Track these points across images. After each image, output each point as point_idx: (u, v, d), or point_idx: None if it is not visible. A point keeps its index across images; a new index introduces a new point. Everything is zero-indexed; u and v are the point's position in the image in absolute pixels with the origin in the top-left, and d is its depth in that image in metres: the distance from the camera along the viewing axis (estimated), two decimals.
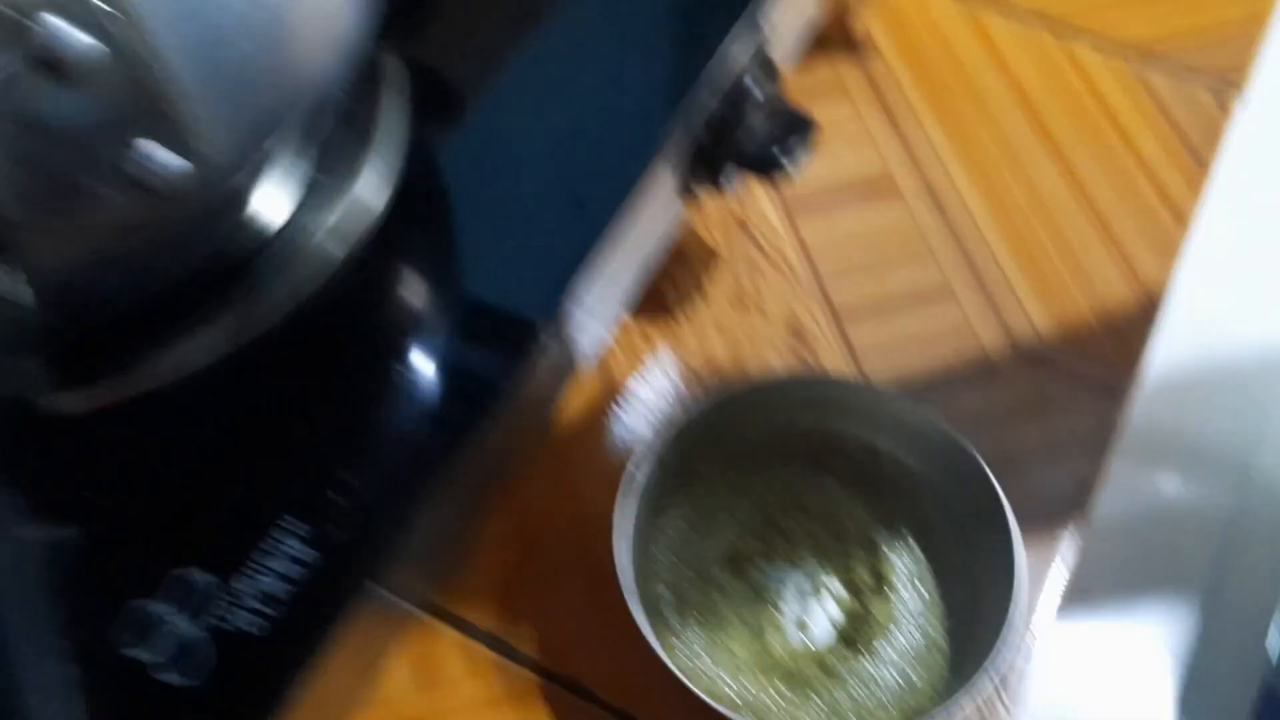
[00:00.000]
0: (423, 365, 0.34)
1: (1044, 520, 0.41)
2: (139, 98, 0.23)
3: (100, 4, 0.22)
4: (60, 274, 0.27)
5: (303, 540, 0.30)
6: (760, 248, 0.47)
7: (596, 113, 0.39)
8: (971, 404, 0.44)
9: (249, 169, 0.30)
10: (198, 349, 0.31)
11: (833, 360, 0.45)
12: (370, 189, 0.35)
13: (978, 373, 0.45)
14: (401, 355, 0.34)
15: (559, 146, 0.38)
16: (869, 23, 0.54)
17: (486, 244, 0.37)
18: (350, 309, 0.34)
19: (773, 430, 0.41)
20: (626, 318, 0.45)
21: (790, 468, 0.41)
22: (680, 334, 0.45)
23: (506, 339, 0.35)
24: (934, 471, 0.40)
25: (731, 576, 0.39)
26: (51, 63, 0.22)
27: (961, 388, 0.44)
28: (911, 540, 0.39)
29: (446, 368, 0.34)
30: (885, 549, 0.39)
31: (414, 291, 0.36)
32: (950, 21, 0.55)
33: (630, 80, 0.39)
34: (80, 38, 0.22)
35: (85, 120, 0.23)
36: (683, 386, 0.44)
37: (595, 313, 0.39)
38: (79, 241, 0.25)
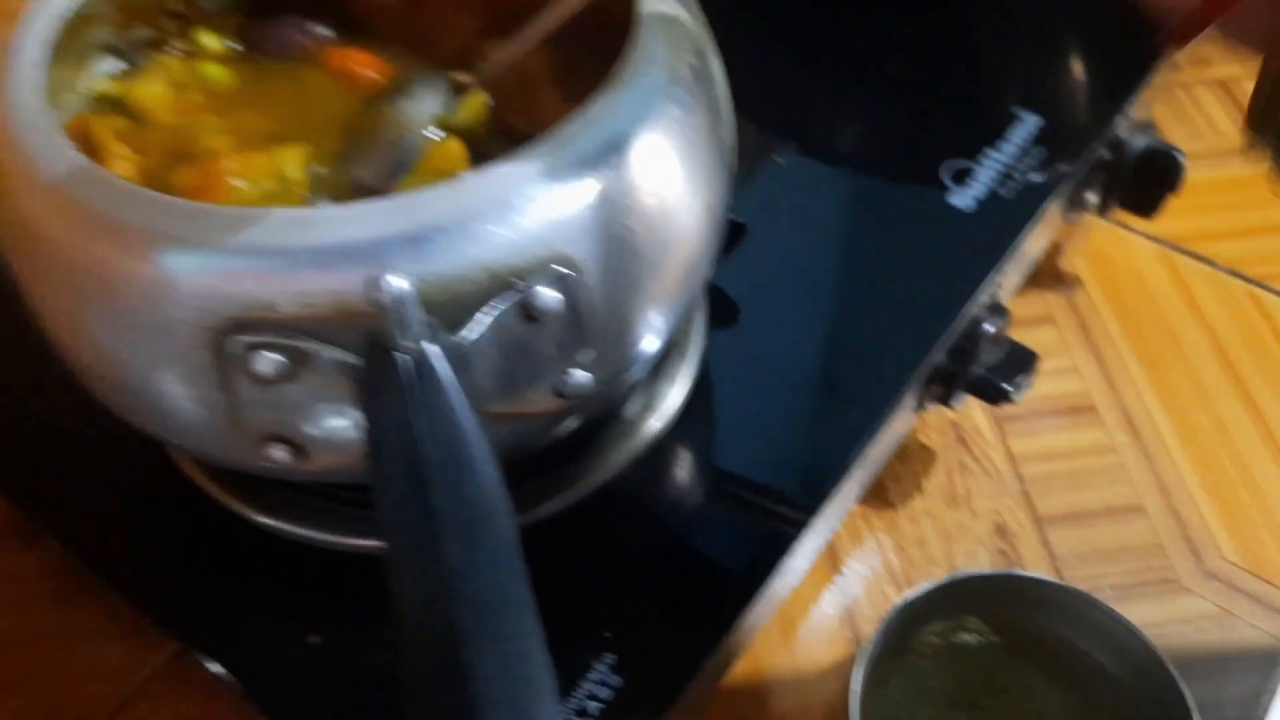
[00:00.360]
0: (704, 533, 0.42)
1: None
2: (575, 337, 0.32)
3: (567, 271, 0.31)
4: None
5: (610, 668, 0.38)
6: (972, 453, 0.54)
7: (857, 335, 0.47)
8: (1159, 613, 0.49)
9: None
10: (539, 507, 0.40)
11: (1033, 559, 0.51)
12: (675, 386, 0.44)
13: (1166, 585, 0.50)
14: (689, 523, 0.42)
15: (826, 361, 0.46)
16: (1076, 262, 0.62)
17: (760, 436, 0.45)
18: (655, 480, 0.42)
19: (980, 617, 0.47)
20: (854, 506, 0.52)
21: (994, 652, 0.47)
22: (898, 523, 0.52)
23: (774, 520, 0.42)
24: (1125, 672, 0.45)
25: None
26: (528, 309, 0.31)
27: (1151, 597, 0.50)
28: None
29: (723, 538, 0.42)
30: None
31: (701, 470, 0.44)
32: (1149, 263, 0.62)
33: (889, 311, 0.47)
34: (551, 294, 0.31)
35: (540, 350, 0.32)
36: (899, 570, 0.51)
37: (841, 503, 0.46)
38: (503, 424, 0.34)
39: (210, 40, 0.41)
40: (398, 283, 0.25)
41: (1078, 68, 0.58)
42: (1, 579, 0.50)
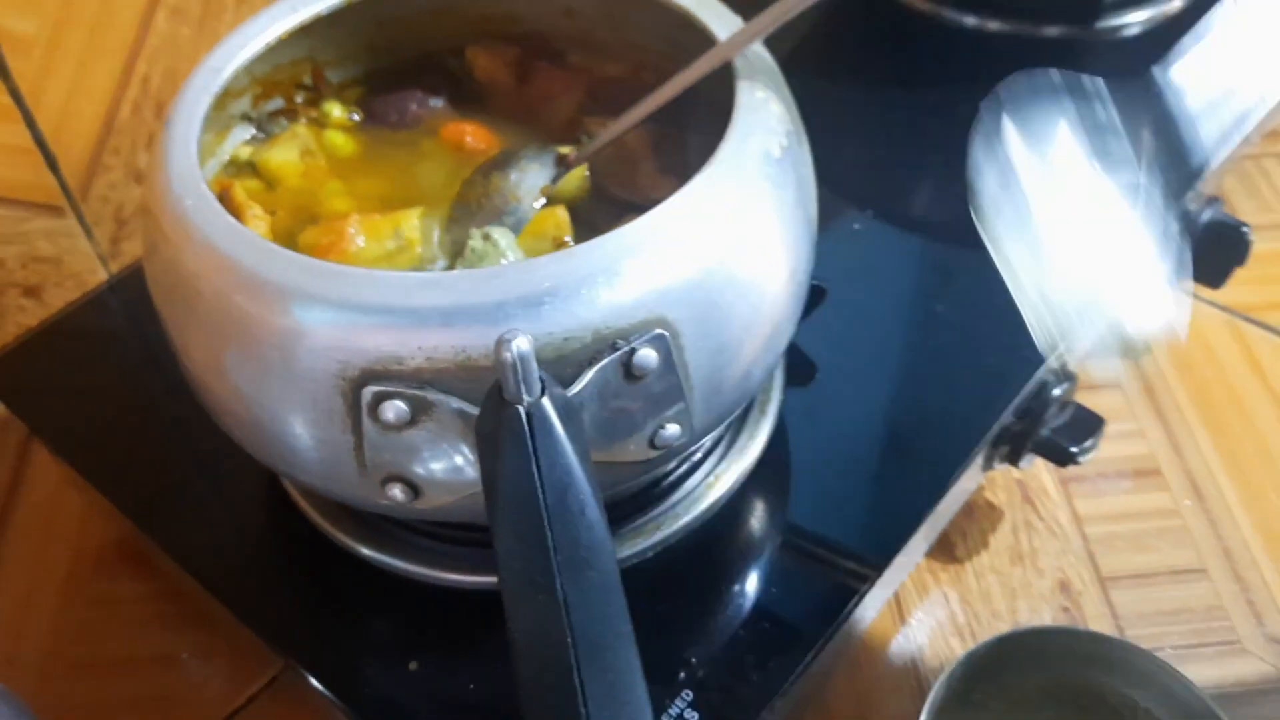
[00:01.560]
0: (778, 579, 0.44)
1: None
2: (670, 393, 0.35)
3: (663, 333, 0.34)
4: None
5: (689, 704, 0.40)
6: (1038, 512, 0.56)
7: (929, 395, 0.49)
8: (1218, 674, 0.50)
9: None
10: (628, 550, 0.43)
11: (1096, 618, 0.52)
12: (755, 441, 0.46)
13: (1227, 647, 0.51)
14: (764, 569, 0.45)
15: (898, 419, 0.48)
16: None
17: (833, 490, 0.47)
18: (733, 529, 0.45)
19: (1042, 671, 0.49)
20: (921, 560, 0.54)
21: (1056, 708, 0.48)
22: (963, 578, 0.54)
23: (844, 571, 0.44)
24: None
25: None
26: (629, 367, 0.34)
27: (1211, 658, 0.51)
28: None
29: (796, 584, 0.44)
30: None
31: (773, 520, 0.46)
32: (1216, 331, 0.64)
33: (960, 373, 0.49)
34: (650, 354, 0.34)
35: (638, 404, 0.34)
36: (963, 623, 0.52)
37: (908, 555, 0.48)
38: (601, 470, 0.36)
39: (336, 110, 0.45)
40: (520, 343, 0.28)
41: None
42: (114, 605, 0.53)
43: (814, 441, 0.48)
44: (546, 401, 0.29)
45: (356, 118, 0.46)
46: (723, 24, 0.41)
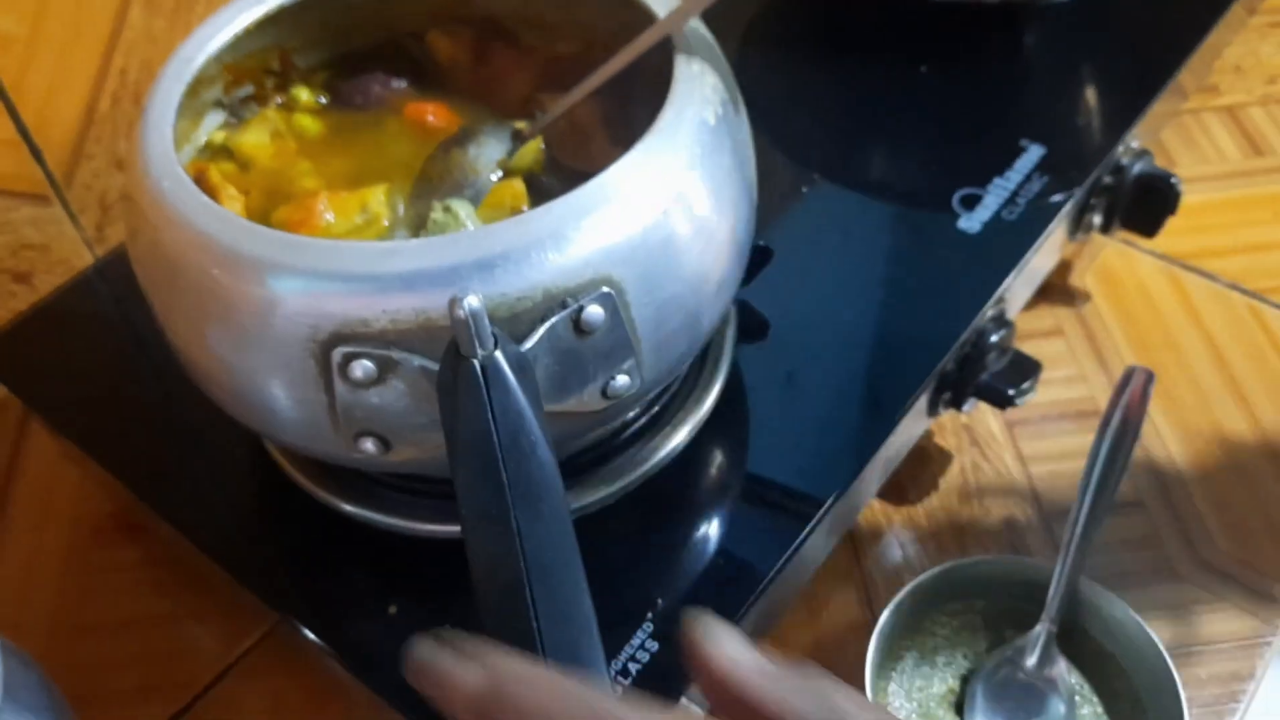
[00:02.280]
0: (733, 519, 0.48)
1: (1209, 699, 0.50)
2: (619, 346, 0.38)
3: (609, 291, 0.37)
4: None
5: (649, 635, 0.44)
6: (985, 455, 0.59)
7: (873, 343, 0.52)
8: (1155, 598, 0.54)
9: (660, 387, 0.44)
10: (592, 496, 0.46)
11: (1039, 550, 0.56)
12: (709, 392, 0.49)
13: (1163, 574, 0.55)
14: (719, 510, 0.48)
15: (847, 369, 0.51)
16: (1085, 279, 0.67)
17: (785, 435, 0.50)
18: (690, 474, 0.48)
19: (988, 599, 0.52)
20: (872, 500, 0.57)
21: (998, 632, 0.52)
22: (915, 518, 0.57)
23: (795, 507, 0.47)
24: (1121, 649, 0.50)
25: (951, 715, 0.50)
26: (578, 323, 0.37)
27: (1148, 584, 0.54)
28: (1098, 702, 0.49)
29: (749, 524, 0.48)
30: (1076, 708, 0.49)
31: (728, 466, 0.50)
32: (1154, 278, 0.67)
33: (904, 325, 0.52)
34: (598, 311, 0.37)
35: (588, 357, 0.38)
36: (915, 560, 0.56)
37: (856, 495, 0.51)
38: (559, 420, 0.39)
39: (304, 95, 0.48)
40: (472, 301, 0.31)
41: (1079, 102, 0.63)
42: (111, 570, 0.57)
43: (767, 392, 0.51)
44: (499, 354, 0.32)
45: (324, 101, 0.49)
46: (662, 3, 0.44)
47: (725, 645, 0.28)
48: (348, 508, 0.47)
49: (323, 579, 0.47)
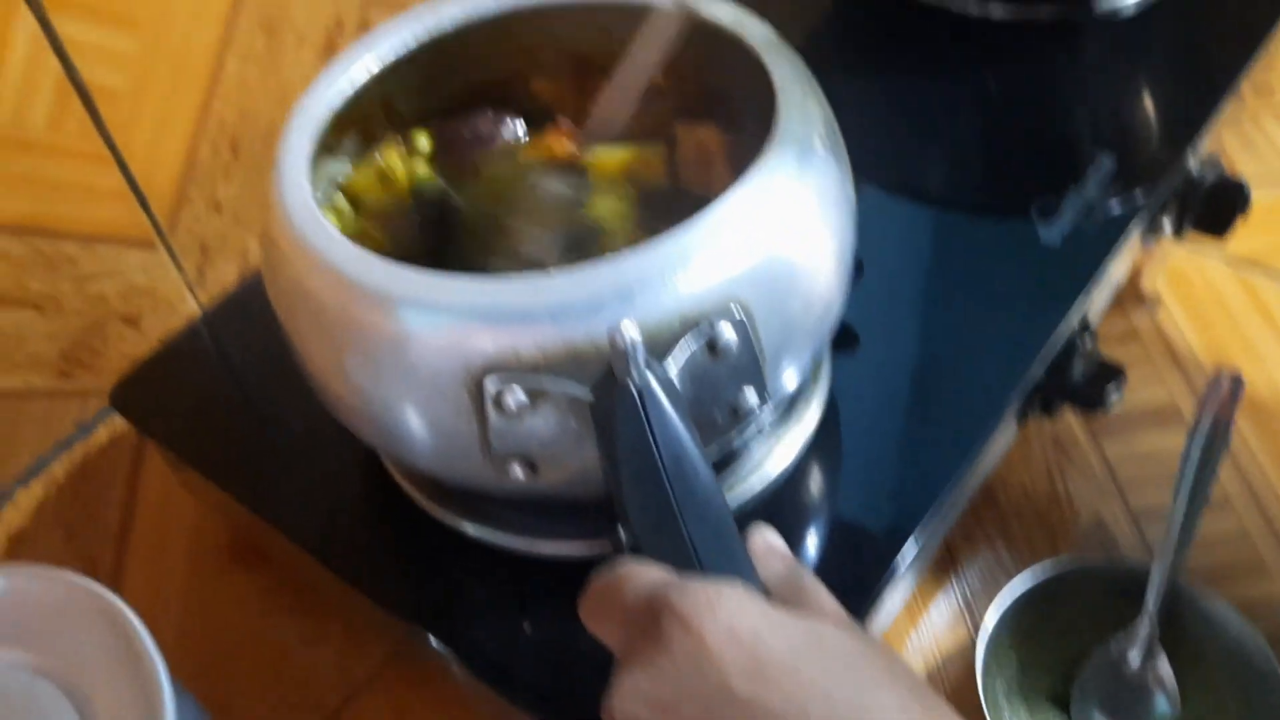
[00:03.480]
0: (835, 532, 0.49)
1: None
2: (747, 365, 0.40)
3: (739, 313, 0.39)
4: None
5: None
6: (1069, 457, 0.61)
7: (961, 353, 0.54)
8: (1247, 595, 0.55)
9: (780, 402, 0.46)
10: None
11: (1131, 550, 0.57)
12: (809, 408, 0.51)
13: (1254, 573, 0.56)
14: (822, 523, 0.49)
15: (937, 379, 0.53)
16: (1157, 283, 0.68)
17: (879, 448, 0.52)
18: (797, 486, 0.50)
19: (1087, 599, 0.54)
20: (966, 508, 0.58)
21: (1101, 631, 0.53)
22: (1007, 522, 0.59)
23: (895, 517, 0.49)
24: (1222, 647, 0.51)
25: (1059, 714, 0.51)
26: (712, 344, 0.38)
27: (1240, 581, 0.55)
28: (1201, 700, 0.51)
29: (851, 536, 0.49)
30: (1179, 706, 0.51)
31: (829, 479, 0.51)
32: (1224, 280, 0.68)
33: (992, 335, 0.54)
34: (729, 331, 0.38)
35: (720, 377, 0.39)
36: (1010, 563, 0.57)
37: (953, 505, 0.53)
38: None
39: (423, 140, 0.50)
40: (631, 331, 0.33)
41: (1149, 109, 0.65)
42: (232, 596, 0.59)
43: (861, 405, 0.53)
44: (653, 379, 0.34)
45: (427, 144, 0.51)
46: (751, 30, 0.46)
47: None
48: (469, 527, 0.49)
49: (451, 594, 0.49)
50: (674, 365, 0.37)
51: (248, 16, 0.61)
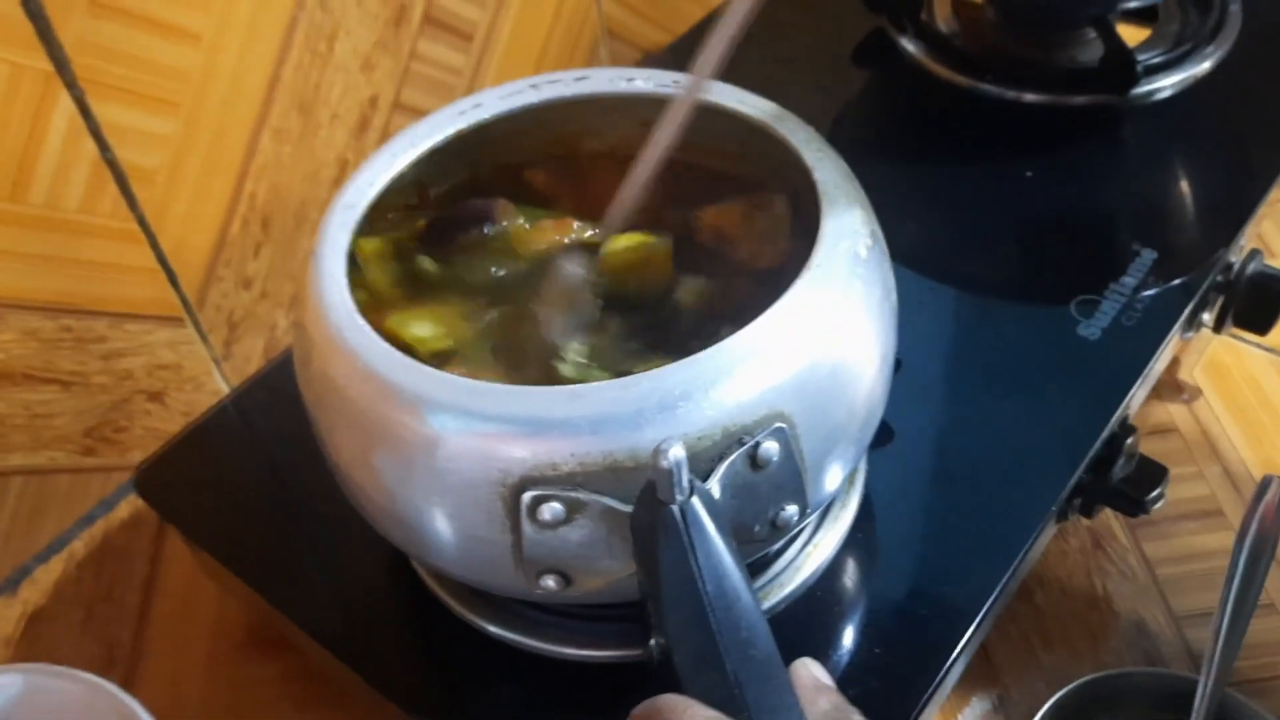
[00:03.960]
0: (873, 637, 0.48)
1: None
2: (790, 478, 0.39)
3: (783, 426, 0.38)
4: None
5: None
6: (1109, 557, 0.59)
7: (1001, 453, 0.53)
8: None
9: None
10: None
11: (1173, 655, 0.56)
12: (845, 508, 0.50)
13: None
14: (862, 632, 0.48)
15: (977, 478, 0.52)
16: (1194, 373, 0.67)
17: (919, 549, 0.51)
18: (832, 592, 0.49)
19: (1129, 711, 0.52)
20: (1004, 609, 0.57)
21: None
22: (1045, 624, 0.57)
23: (937, 630, 0.48)
24: None
25: None
26: (754, 458, 0.38)
27: None
28: None
29: (889, 642, 0.48)
30: None
31: (865, 583, 0.50)
32: (1262, 369, 0.67)
33: (1031, 434, 0.53)
34: (772, 445, 0.38)
35: (763, 490, 0.38)
36: (1048, 667, 0.56)
37: (993, 614, 0.51)
38: None
39: (427, 264, 0.49)
40: (677, 451, 0.32)
41: (1189, 204, 0.64)
42: (252, 684, 0.58)
43: (898, 504, 0.52)
44: (696, 500, 0.33)
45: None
46: (793, 129, 0.45)
47: None
48: (494, 629, 0.48)
49: (469, 694, 0.48)
50: (717, 486, 0.36)
51: (284, 95, 0.61)
